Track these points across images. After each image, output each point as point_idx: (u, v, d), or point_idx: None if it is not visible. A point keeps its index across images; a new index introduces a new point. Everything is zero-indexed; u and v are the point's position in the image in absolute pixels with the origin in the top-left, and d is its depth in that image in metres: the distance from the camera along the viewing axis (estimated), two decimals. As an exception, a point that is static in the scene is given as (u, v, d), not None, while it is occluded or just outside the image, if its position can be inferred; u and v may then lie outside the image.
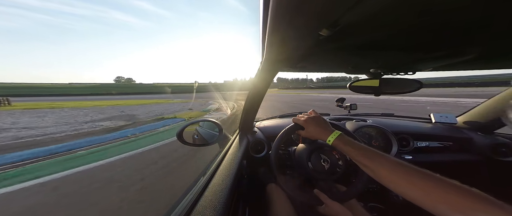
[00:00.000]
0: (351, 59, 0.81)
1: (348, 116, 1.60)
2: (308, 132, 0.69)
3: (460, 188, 0.35)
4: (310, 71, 1.04)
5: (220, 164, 0.80)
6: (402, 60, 0.77)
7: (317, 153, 0.77)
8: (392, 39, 0.56)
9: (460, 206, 0.33)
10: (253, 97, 1.06)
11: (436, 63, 0.77)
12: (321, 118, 0.70)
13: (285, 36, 0.41)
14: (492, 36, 0.51)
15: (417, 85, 0.89)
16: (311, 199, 0.71)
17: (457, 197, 0.34)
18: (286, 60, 0.67)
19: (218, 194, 0.57)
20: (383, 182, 0.46)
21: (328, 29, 0.38)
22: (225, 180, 0.66)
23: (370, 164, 0.49)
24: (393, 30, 0.49)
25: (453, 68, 0.92)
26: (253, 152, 1.19)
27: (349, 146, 0.56)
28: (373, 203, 1.22)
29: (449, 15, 0.41)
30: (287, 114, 1.80)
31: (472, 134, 1.25)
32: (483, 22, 0.43)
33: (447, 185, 0.36)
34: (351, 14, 0.33)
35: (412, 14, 0.41)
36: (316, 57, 0.73)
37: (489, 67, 0.88)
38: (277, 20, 0.36)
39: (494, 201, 0.31)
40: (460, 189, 0.35)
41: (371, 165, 0.49)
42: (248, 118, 1.24)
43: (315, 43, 0.54)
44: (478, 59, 0.70)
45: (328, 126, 0.66)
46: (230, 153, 0.93)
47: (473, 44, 0.59)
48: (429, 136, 1.28)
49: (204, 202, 0.53)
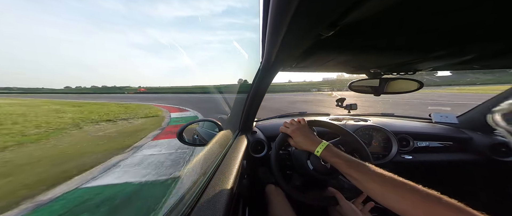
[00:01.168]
0: (351, 59, 0.81)
1: (348, 115, 1.60)
2: (296, 142, 0.69)
3: (447, 203, 0.36)
4: (310, 71, 1.04)
5: (220, 164, 0.80)
6: (402, 60, 0.77)
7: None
8: (392, 39, 0.56)
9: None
10: (253, 97, 1.06)
11: (436, 63, 0.77)
12: (308, 128, 0.71)
13: (285, 36, 0.41)
14: (492, 36, 0.51)
15: (417, 85, 0.89)
16: (323, 200, 0.72)
17: (444, 211, 0.35)
18: (286, 60, 0.67)
19: (218, 194, 0.57)
20: (371, 194, 0.47)
21: (329, 29, 0.38)
22: (225, 180, 0.66)
23: (359, 176, 0.50)
24: (393, 30, 0.49)
25: (453, 68, 0.92)
26: (253, 152, 1.19)
27: (337, 158, 0.56)
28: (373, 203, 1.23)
29: (449, 15, 0.41)
30: (287, 114, 1.80)
31: (472, 134, 1.25)
32: (483, 22, 0.43)
33: (434, 199, 0.37)
34: (352, 14, 0.33)
35: (412, 14, 0.41)
36: (316, 57, 0.73)
37: (489, 67, 0.88)
38: (277, 20, 0.36)
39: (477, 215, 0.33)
40: (447, 204, 0.36)
41: (359, 177, 0.49)
42: (248, 118, 1.24)
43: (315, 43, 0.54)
44: (478, 59, 0.70)
45: (314, 137, 0.66)
46: (230, 153, 0.93)
47: (473, 44, 0.59)
48: (429, 135, 1.28)
49: (204, 202, 0.53)
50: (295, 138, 0.69)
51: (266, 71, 0.80)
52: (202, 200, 0.54)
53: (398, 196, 0.41)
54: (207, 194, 0.57)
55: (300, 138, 0.67)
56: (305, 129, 0.69)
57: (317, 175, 0.74)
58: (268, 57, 0.62)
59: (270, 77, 0.88)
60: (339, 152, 0.58)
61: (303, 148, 0.67)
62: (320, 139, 0.65)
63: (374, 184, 0.46)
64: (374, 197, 0.46)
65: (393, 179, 0.44)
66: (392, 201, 0.42)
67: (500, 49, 0.63)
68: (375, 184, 0.46)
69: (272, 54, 0.58)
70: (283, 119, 1.67)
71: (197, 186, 0.65)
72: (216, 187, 0.61)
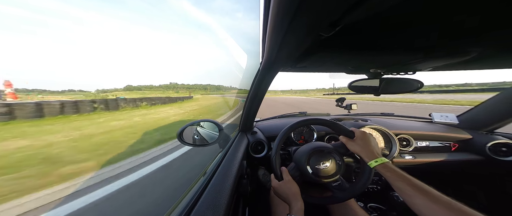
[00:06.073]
0: (351, 59, 0.81)
1: (349, 115, 1.59)
2: (354, 147, 0.72)
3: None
4: (310, 72, 1.04)
5: (220, 164, 0.80)
6: (402, 60, 0.77)
7: (316, 156, 0.76)
8: (392, 39, 0.56)
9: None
10: (253, 97, 1.06)
11: (436, 63, 0.77)
12: (373, 140, 0.73)
13: (285, 36, 0.41)
14: (492, 36, 0.51)
15: (418, 85, 0.89)
16: (323, 199, 0.73)
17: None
18: (286, 60, 0.67)
19: (218, 194, 0.57)
20: (414, 209, 0.50)
21: (329, 29, 0.38)
22: (225, 180, 0.66)
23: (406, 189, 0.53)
24: (393, 30, 0.49)
25: (453, 68, 0.92)
26: (253, 152, 1.19)
27: (390, 172, 0.60)
28: (373, 203, 1.23)
29: (449, 15, 0.41)
30: (287, 114, 1.80)
31: (472, 134, 1.25)
32: (483, 22, 0.43)
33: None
34: (352, 14, 0.33)
35: (412, 14, 0.41)
36: (316, 58, 0.73)
37: (489, 67, 0.88)
38: (277, 20, 0.36)
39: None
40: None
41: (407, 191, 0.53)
42: (248, 118, 1.24)
43: (315, 44, 0.54)
44: (478, 59, 0.70)
45: (374, 150, 0.68)
46: (230, 153, 0.93)
47: (473, 44, 0.59)
48: (430, 135, 1.28)
49: (204, 202, 0.53)
50: (355, 143, 0.72)
51: (266, 71, 0.80)
52: (202, 200, 0.54)
53: (438, 214, 0.45)
54: (207, 194, 0.57)
55: (358, 147, 0.70)
56: (368, 140, 0.71)
57: (316, 178, 0.73)
58: (268, 57, 0.62)
59: (270, 77, 0.88)
60: (394, 168, 0.61)
61: (360, 155, 0.70)
62: (379, 154, 0.68)
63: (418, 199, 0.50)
64: (418, 211, 0.49)
65: (445, 200, 0.47)
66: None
67: (500, 50, 0.64)
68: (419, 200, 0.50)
69: (272, 54, 0.58)
70: (283, 119, 1.67)
71: (197, 186, 0.65)
72: (216, 187, 0.61)
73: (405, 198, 0.53)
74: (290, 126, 0.80)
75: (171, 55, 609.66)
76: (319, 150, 0.77)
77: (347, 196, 0.73)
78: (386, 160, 0.64)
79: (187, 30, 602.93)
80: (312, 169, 0.74)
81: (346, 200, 0.74)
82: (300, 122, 0.81)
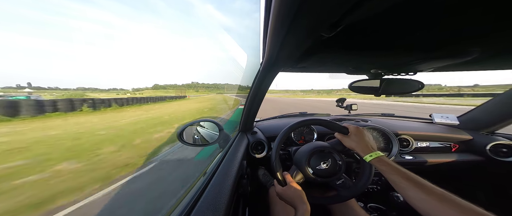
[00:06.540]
0: (352, 60, 0.81)
1: (349, 116, 1.59)
2: (349, 142, 0.72)
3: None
4: (310, 72, 1.04)
5: (220, 164, 0.80)
6: (403, 60, 0.77)
7: (316, 156, 0.76)
8: (393, 40, 0.56)
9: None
10: (254, 97, 1.06)
11: (437, 63, 0.76)
12: (368, 134, 0.73)
13: (286, 37, 0.41)
14: (493, 37, 0.51)
15: (418, 86, 0.89)
16: (324, 199, 0.73)
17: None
18: (287, 61, 0.66)
19: (218, 194, 0.57)
20: (410, 201, 0.50)
21: (329, 30, 0.38)
22: (225, 180, 0.66)
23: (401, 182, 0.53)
24: (393, 31, 0.49)
25: (453, 69, 0.92)
26: (253, 152, 1.19)
27: (384, 166, 0.60)
28: (373, 203, 1.22)
29: (449, 15, 0.40)
30: (287, 114, 1.80)
31: (472, 134, 1.25)
32: (483, 23, 0.43)
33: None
34: (352, 15, 0.32)
35: (412, 14, 0.40)
36: (317, 58, 0.73)
37: (489, 68, 0.88)
38: (278, 21, 0.35)
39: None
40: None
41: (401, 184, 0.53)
42: (248, 118, 1.24)
43: (316, 44, 0.54)
44: (478, 60, 0.70)
45: (369, 144, 0.69)
46: (230, 153, 0.93)
47: (473, 45, 0.59)
48: (430, 136, 1.28)
49: (204, 202, 0.53)
50: (354, 136, 0.72)
51: (266, 71, 0.80)
52: (202, 200, 0.54)
53: (432, 205, 0.45)
54: (207, 194, 0.57)
55: (353, 143, 0.70)
56: (362, 134, 0.71)
57: (317, 178, 0.73)
58: (269, 57, 0.62)
59: (270, 77, 0.87)
60: (388, 161, 0.62)
61: (355, 150, 0.70)
62: (374, 148, 0.68)
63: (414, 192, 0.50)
64: (412, 204, 0.50)
65: (440, 192, 0.47)
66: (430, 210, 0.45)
67: (500, 50, 0.63)
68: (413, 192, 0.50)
69: (272, 55, 0.58)
70: (283, 119, 1.67)
71: (197, 186, 0.65)
72: (216, 187, 0.61)
73: (400, 190, 0.54)
74: (287, 128, 0.78)
75: (191, 56, 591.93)
76: (319, 150, 0.77)
77: (351, 194, 0.72)
78: (381, 154, 0.64)
79: (187, 30, 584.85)
80: (313, 169, 0.74)
81: (350, 198, 0.73)
82: (297, 124, 0.79)
